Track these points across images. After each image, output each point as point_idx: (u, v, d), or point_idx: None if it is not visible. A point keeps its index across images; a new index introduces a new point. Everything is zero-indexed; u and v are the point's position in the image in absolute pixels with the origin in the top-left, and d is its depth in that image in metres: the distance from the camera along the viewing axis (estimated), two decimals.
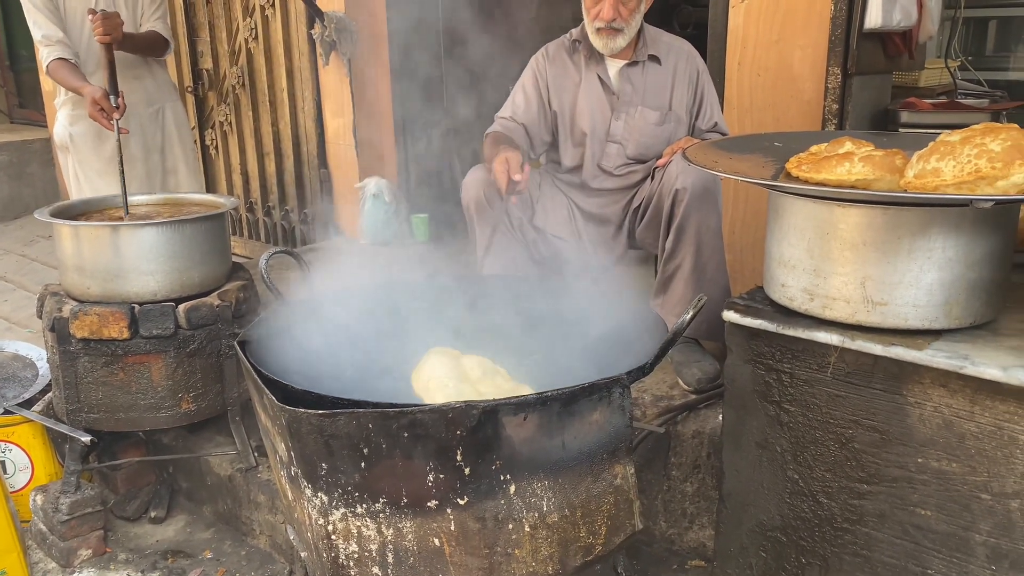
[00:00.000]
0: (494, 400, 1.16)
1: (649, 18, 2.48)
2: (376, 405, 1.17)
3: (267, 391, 1.25)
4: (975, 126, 1.35)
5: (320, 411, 1.18)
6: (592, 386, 1.23)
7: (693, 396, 2.18)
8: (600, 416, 1.25)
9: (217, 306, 2.27)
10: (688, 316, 1.29)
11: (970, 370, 1.23)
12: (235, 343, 1.44)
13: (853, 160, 1.47)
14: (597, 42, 2.36)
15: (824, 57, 2.56)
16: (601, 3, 2.31)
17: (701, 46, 2.70)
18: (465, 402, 1.15)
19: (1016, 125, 1.31)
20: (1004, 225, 1.31)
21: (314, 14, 3.78)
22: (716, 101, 2.53)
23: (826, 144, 1.60)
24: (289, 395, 1.26)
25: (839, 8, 2.47)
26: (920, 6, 2.56)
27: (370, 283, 1.89)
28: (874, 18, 2.42)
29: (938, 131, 2.53)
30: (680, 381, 2.25)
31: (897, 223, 1.28)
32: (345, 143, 4.02)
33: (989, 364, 1.22)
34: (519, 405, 1.17)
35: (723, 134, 2.53)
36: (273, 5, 4.09)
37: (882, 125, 2.77)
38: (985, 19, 4.13)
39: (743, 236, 2.81)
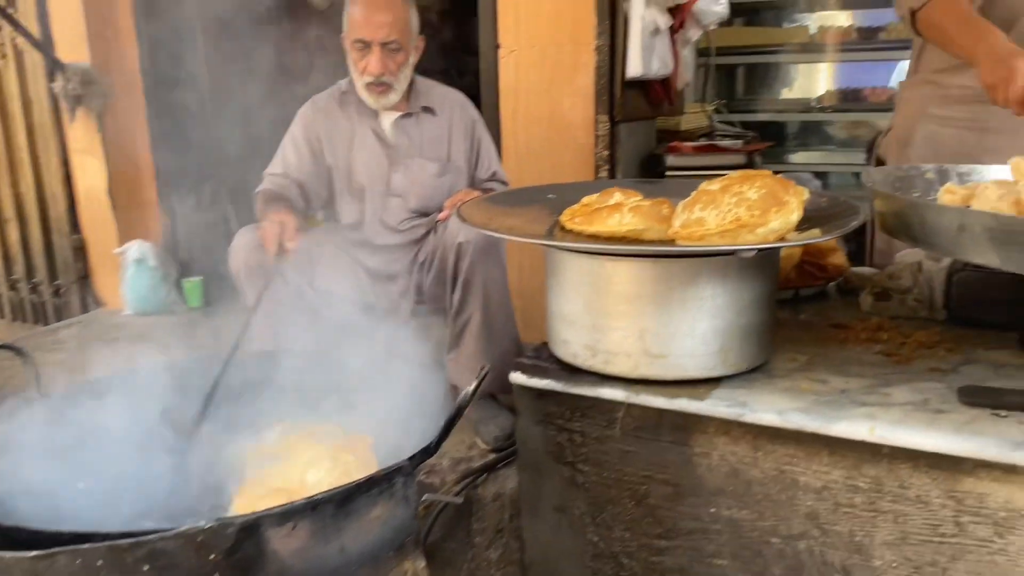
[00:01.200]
0: (253, 513, 1.00)
1: (429, 67, 2.43)
2: (107, 536, 0.97)
3: None
4: (732, 174, 1.39)
5: (34, 552, 0.96)
6: (370, 480, 1.10)
7: (492, 455, 2.10)
8: (382, 511, 1.12)
9: None
10: (471, 389, 1.20)
11: (749, 417, 1.24)
12: None
13: (623, 211, 1.46)
14: (367, 98, 2.27)
15: (592, 105, 2.63)
16: (367, 57, 2.22)
17: (473, 93, 2.69)
18: (217, 520, 0.98)
19: (769, 172, 1.35)
20: (767, 269, 1.34)
21: (52, 66, 3.39)
22: (493, 150, 2.51)
23: (597, 195, 1.60)
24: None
25: (602, 58, 2.56)
26: (676, 55, 2.70)
27: (128, 367, 1.65)
28: (634, 67, 2.52)
29: (701, 171, 2.65)
30: (478, 440, 2.17)
31: (668, 274, 1.27)
32: (100, 205, 3.64)
33: (766, 410, 1.23)
34: (285, 514, 1.02)
35: (503, 183, 2.52)
36: (5, 56, 3.64)
37: (650, 168, 2.89)
38: (733, 66, 4.50)
39: (531, 281, 2.81)
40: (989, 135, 1.84)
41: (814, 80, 4.87)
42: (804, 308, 1.71)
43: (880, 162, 2.11)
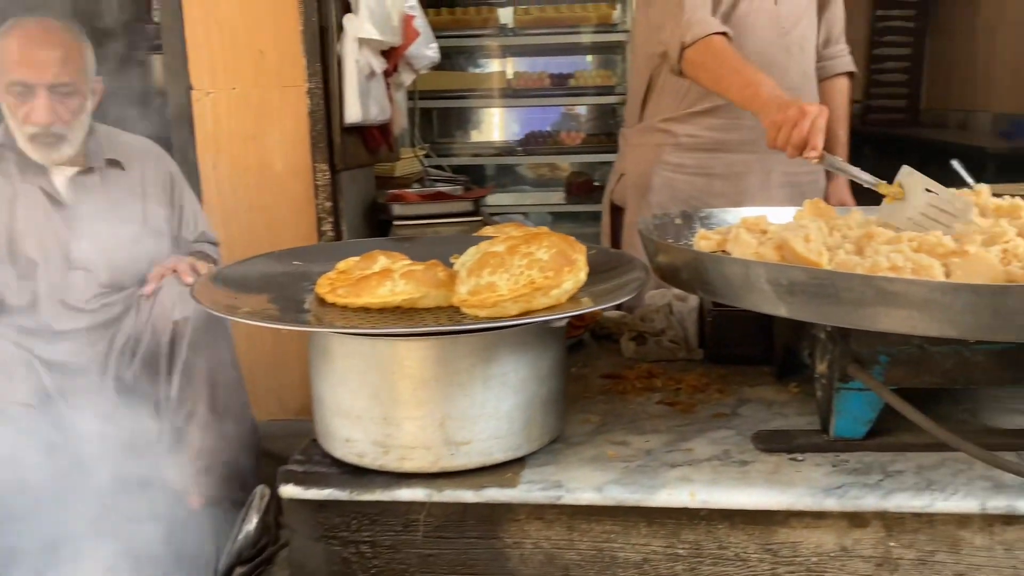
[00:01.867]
0: None
1: (110, 111, 2.04)
2: None
3: None
4: (514, 233, 1.29)
5: None
6: None
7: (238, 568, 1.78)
8: None
9: None
10: (251, 527, 0.95)
11: (567, 499, 1.13)
12: None
13: (394, 277, 1.30)
14: (33, 152, 1.84)
15: (308, 153, 2.42)
16: (30, 103, 1.79)
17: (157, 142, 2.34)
18: None
19: (549, 231, 1.28)
20: (559, 332, 1.26)
21: None
22: (197, 206, 2.20)
23: (356, 259, 1.41)
24: None
25: (316, 103, 2.36)
26: (391, 100, 2.59)
27: None
28: (353, 112, 2.36)
29: (431, 220, 2.52)
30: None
31: (467, 352, 1.13)
32: None
33: (583, 487, 1.13)
34: None
35: (212, 242, 2.20)
36: None
37: (374, 218, 2.74)
38: (431, 110, 4.53)
39: (252, 354, 2.49)
40: (715, 180, 1.96)
41: (510, 123, 5.08)
42: (571, 360, 1.67)
43: (616, 208, 2.17)
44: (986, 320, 0.89)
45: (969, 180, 1.77)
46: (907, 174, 1.41)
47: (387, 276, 1.29)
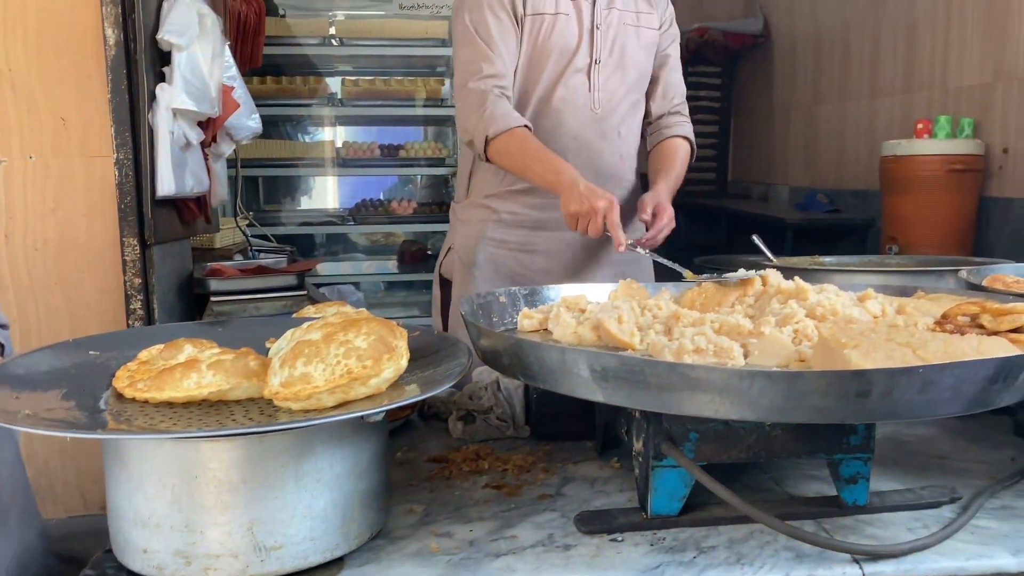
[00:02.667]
0: None
1: None
2: None
3: None
4: (331, 319, 1.25)
5: None
6: None
7: None
8: None
9: None
10: None
11: None
12: None
13: (200, 368, 1.23)
14: None
15: (116, 227, 2.27)
16: None
17: None
18: None
19: (371, 316, 1.25)
20: (382, 424, 1.22)
21: None
22: None
23: (159, 348, 1.32)
24: None
25: (124, 175, 2.22)
26: (209, 171, 2.48)
27: None
28: (166, 186, 2.24)
29: (251, 295, 2.42)
30: None
31: (280, 449, 1.07)
32: None
33: None
34: None
35: (2, 326, 1.99)
36: None
37: (189, 293, 2.59)
38: (256, 178, 4.39)
39: (47, 446, 2.26)
40: (538, 256, 2.01)
41: (341, 192, 5.02)
42: (396, 444, 1.63)
43: (445, 281, 2.16)
44: (780, 403, 0.94)
45: (768, 253, 1.91)
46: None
47: (193, 367, 1.22)
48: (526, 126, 1.88)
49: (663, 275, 2.19)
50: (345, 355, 1.15)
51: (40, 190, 2.28)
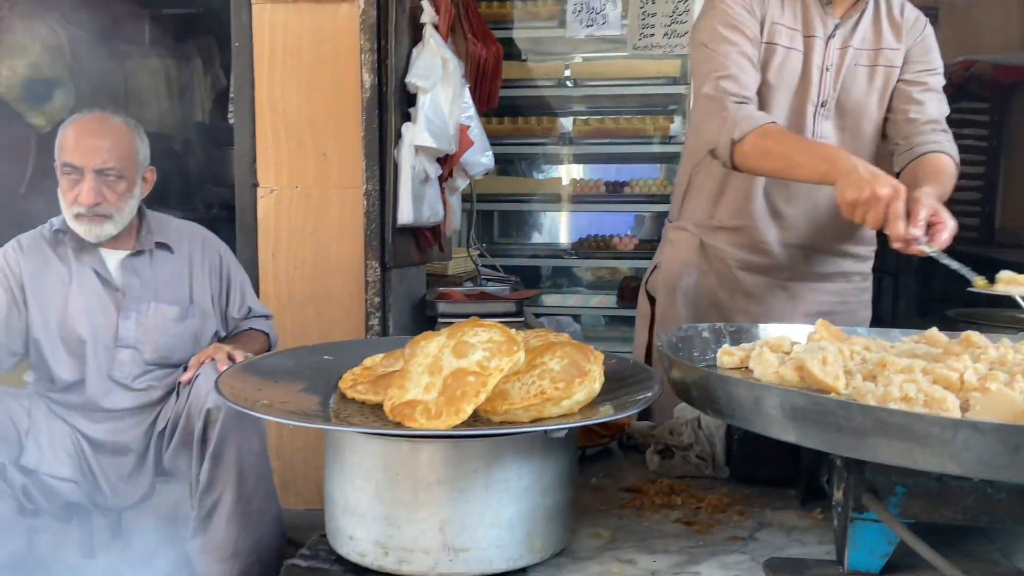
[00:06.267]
0: None
1: (169, 198, 2.18)
2: None
3: None
4: (532, 341, 1.31)
5: None
6: None
7: None
8: None
9: None
10: None
11: None
12: None
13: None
14: (79, 228, 1.97)
15: (361, 251, 2.52)
16: (79, 186, 1.94)
17: (229, 227, 2.47)
18: None
19: (570, 340, 1.30)
20: (570, 442, 1.26)
21: None
22: (248, 284, 2.29)
23: (381, 357, 1.45)
24: None
25: (371, 204, 2.47)
26: (445, 203, 2.69)
27: None
28: (405, 215, 2.46)
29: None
30: None
31: (471, 456, 1.14)
32: None
33: None
34: None
35: (263, 316, 2.28)
36: None
37: (421, 314, 2.80)
38: (491, 212, 4.66)
39: (293, 440, 2.54)
40: (739, 297, 1.95)
41: (566, 227, 5.18)
42: (592, 470, 1.65)
43: (650, 298, 2.16)
44: (988, 456, 0.86)
45: None
46: (1007, 278, 1.45)
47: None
48: (774, 123, 1.76)
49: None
50: (540, 376, 1.20)
51: (302, 216, 2.60)
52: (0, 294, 1.95)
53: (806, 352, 1.30)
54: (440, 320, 2.67)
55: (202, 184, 4.86)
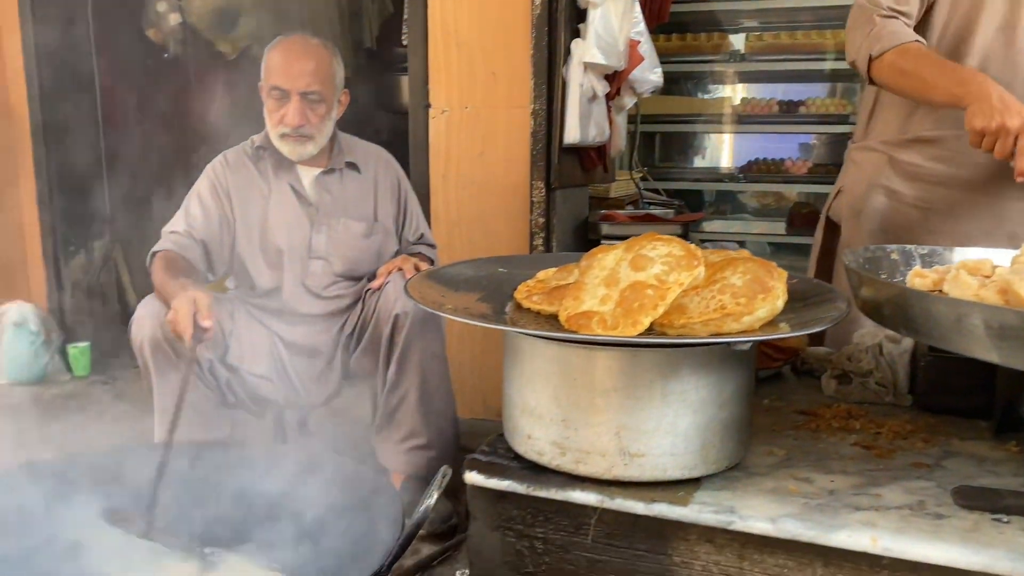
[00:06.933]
0: None
1: (341, 124, 2.28)
2: None
3: None
4: (710, 256, 1.29)
5: None
6: None
7: (426, 549, 1.91)
8: None
9: None
10: (430, 502, 1.04)
11: (739, 525, 1.11)
12: None
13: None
14: (283, 148, 2.10)
15: (528, 170, 2.54)
16: (285, 107, 2.05)
17: (398, 154, 2.56)
18: None
19: (750, 255, 1.27)
20: (748, 358, 1.24)
21: None
22: (420, 210, 2.38)
23: (554, 270, 1.48)
24: None
25: (538, 123, 2.48)
26: (611, 123, 2.66)
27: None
28: (572, 134, 2.45)
29: None
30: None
31: (648, 366, 1.15)
32: None
33: (757, 516, 1.11)
34: None
35: (430, 245, 2.38)
36: None
37: (583, 236, 2.81)
38: (653, 134, 4.56)
39: (460, 354, 2.65)
40: (933, 216, 1.82)
41: (733, 150, 4.99)
42: (764, 392, 1.63)
43: (832, 224, 2.07)
44: None
45: None
46: None
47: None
48: (919, 42, 1.70)
49: None
50: (720, 291, 1.19)
51: (471, 137, 2.66)
52: (212, 206, 2.13)
53: (1013, 273, 1.21)
54: (603, 242, 2.67)
55: (371, 110, 5.04)
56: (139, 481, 1.40)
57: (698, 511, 1.14)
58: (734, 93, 4.65)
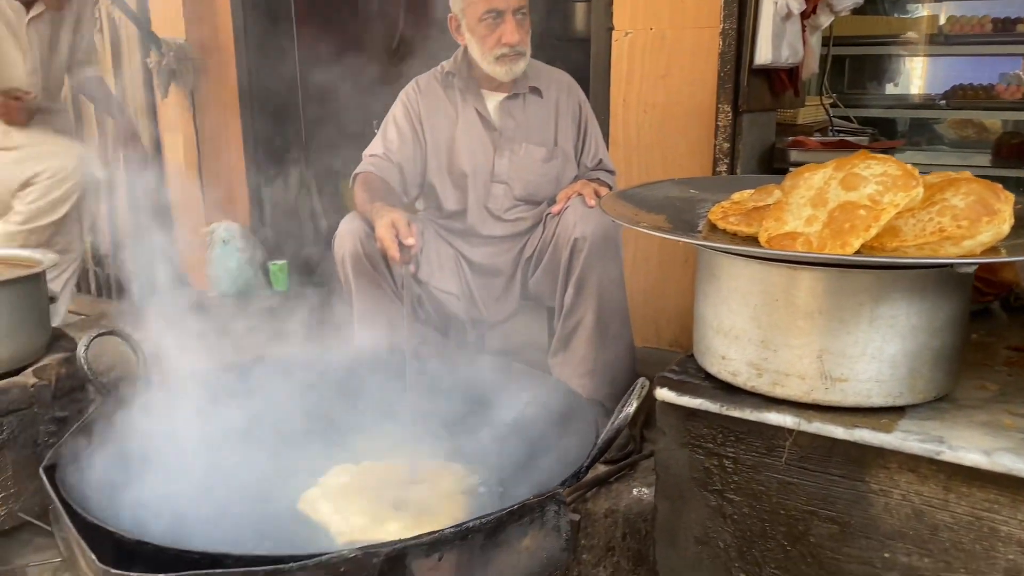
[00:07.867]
0: (400, 541, 0.89)
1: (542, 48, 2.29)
2: (240, 560, 0.87)
3: (86, 547, 0.91)
4: (930, 178, 1.22)
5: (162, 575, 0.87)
6: (522, 508, 0.98)
7: (602, 467, 1.96)
8: (532, 542, 1.00)
9: (32, 386, 1.86)
10: (630, 410, 1.07)
11: (948, 455, 1.07)
12: (41, 469, 1.09)
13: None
14: (498, 70, 2.12)
15: (713, 94, 2.46)
16: (501, 27, 2.07)
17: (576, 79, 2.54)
18: (362, 549, 0.87)
19: (973, 177, 1.19)
20: (964, 285, 1.17)
21: (149, 41, 3.36)
22: (600, 136, 2.37)
23: (750, 192, 1.44)
24: (120, 545, 0.94)
25: (728, 44, 2.37)
26: (805, 43, 2.51)
27: (227, 364, 1.57)
28: (764, 54, 2.34)
29: None
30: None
31: (857, 288, 1.12)
32: (188, 183, 3.61)
33: (969, 448, 1.07)
34: (433, 544, 0.91)
35: (609, 171, 2.37)
36: (101, 30, 3.62)
37: (769, 163, 2.70)
38: (844, 57, 4.25)
39: (634, 282, 2.64)
40: None
41: (932, 74, 4.57)
42: (972, 327, 1.53)
43: None
44: None
45: None
46: None
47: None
48: None
49: None
50: (940, 212, 1.13)
51: (655, 59, 2.59)
52: (407, 129, 2.22)
53: None
54: (791, 170, 2.54)
55: (547, 36, 5.01)
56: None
57: (903, 439, 1.10)
58: (939, 10, 4.23)
